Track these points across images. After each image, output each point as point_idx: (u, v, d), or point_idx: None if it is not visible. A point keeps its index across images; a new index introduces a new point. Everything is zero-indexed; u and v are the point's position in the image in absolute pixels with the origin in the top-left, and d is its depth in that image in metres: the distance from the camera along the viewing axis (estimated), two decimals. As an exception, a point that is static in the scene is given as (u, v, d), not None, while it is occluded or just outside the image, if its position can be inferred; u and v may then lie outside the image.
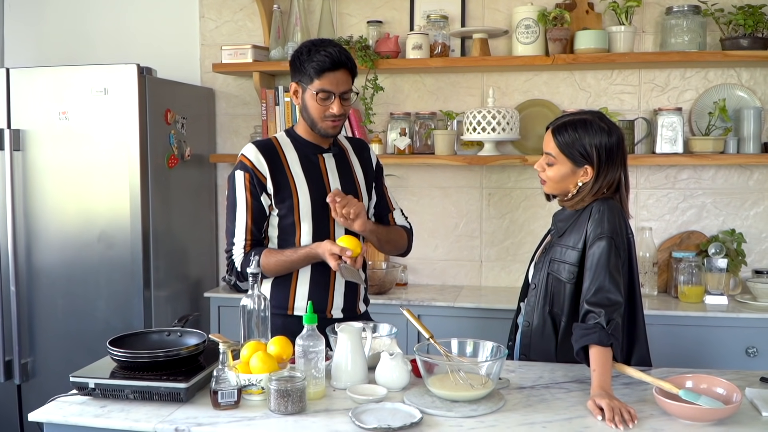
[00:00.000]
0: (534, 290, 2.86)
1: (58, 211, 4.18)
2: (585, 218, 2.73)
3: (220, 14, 4.97)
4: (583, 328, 2.51)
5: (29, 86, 4.15)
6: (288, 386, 2.24)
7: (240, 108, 5.00)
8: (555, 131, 2.76)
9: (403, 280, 4.70)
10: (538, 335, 2.82)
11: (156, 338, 2.67)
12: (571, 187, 2.78)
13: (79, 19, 5.14)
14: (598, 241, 2.63)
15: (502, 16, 4.60)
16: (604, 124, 2.74)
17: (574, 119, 2.76)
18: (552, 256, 2.82)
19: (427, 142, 4.62)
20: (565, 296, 2.76)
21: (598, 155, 2.70)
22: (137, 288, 4.15)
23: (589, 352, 2.48)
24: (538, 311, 2.82)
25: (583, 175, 2.74)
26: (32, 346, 4.27)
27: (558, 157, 2.75)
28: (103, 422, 2.25)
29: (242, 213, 2.99)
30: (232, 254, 3.02)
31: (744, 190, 4.44)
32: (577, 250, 2.72)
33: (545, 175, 2.82)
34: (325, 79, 2.91)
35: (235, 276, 3.05)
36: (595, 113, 2.80)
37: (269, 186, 2.98)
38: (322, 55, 2.90)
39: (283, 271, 3.01)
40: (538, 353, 2.83)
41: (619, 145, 2.75)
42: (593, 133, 2.70)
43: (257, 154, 2.99)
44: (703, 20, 4.22)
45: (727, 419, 2.19)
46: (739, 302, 4.09)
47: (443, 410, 2.27)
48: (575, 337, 2.53)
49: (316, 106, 2.95)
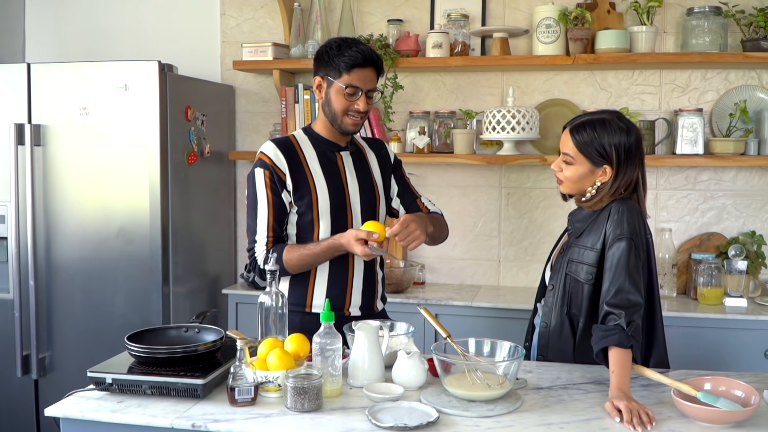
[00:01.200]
0: (552, 291, 2.85)
1: (77, 206, 4.20)
2: (603, 219, 2.71)
3: (241, 12, 4.98)
4: (603, 330, 2.50)
5: (50, 82, 4.16)
6: (305, 383, 2.24)
7: (260, 105, 5.01)
8: (573, 131, 2.74)
9: (420, 279, 4.69)
10: (556, 336, 2.81)
11: (174, 334, 2.68)
12: (589, 187, 2.76)
13: (99, 15, 5.16)
14: (618, 242, 2.61)
15: (522, 15, 4.59)
16: (623, 123, 2.72)
17: (593, 119, 2.74)
18: (570, 257, 2.80)
19: (447, 141, 4.61)
20: (583, 297, 2.74)
21: (617, 155, 2.68)
22: (156, 284, 4.16)
23: (608, 354, 2.46)
24: (556, 312, 2.81)
25: (602, 175, 2.72)
26: (50, 341, 4.29)
27: (576, 156, 2.72)
28: (119, 417, 2.25)
29: (263, 210, 3.00)
30: (254, 252, 3.02)
31: (765, 192, 4.41)
32: (596, 251, 2.71)
33: (562, 175, 2.79)
34: (354, 74, 2.95)
35: (257, 274, 3.04)
36: (613, 112, 2.78)
37: (289, 183, 2.99)
38: (354, 50, 2.95)
39: (305, 266, 3.01)
40: (556, 354, 2.82)
41: (638, 144, 2.73)
42: (612, 133, 2.68)
43: (276, 151, 3.00)
44: (724, 21, 4.19)
45: (746, 422, 2.17)
46: (759, 305, 4.06)
47: (460, 410, 2.26)
48: (595, 338, 2.51)
49: (341, 101, 2.98)
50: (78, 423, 2.30)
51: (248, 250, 3.06)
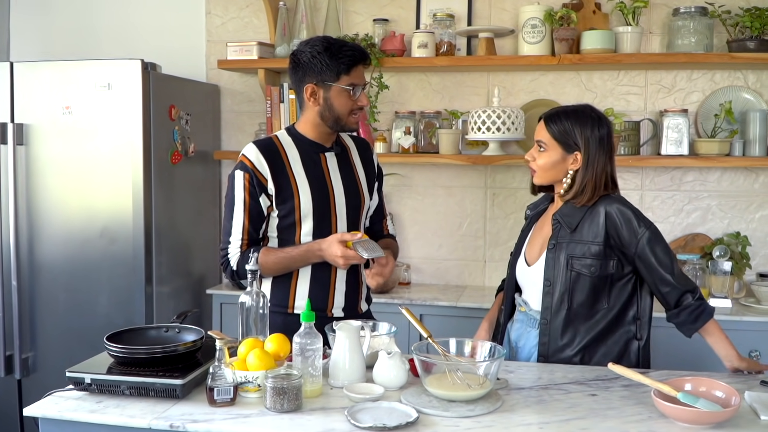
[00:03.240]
0: (548, 288, 2.84)
1: (60, 205, 4.18)
2: (598, 217, 2.79)
3: (226, 10, 4.97)
4: (691, 309, 2.74)
5: (33, 80, 4.14)
6: (284, 384, 2.23)
7: (245, 105, 5.00)
8: (547, 119, 2.88)
9: (406, 279, 4.69)
10: (559, 331, 2.82)
11: (154, 334, 2.66)
12: (561, 175, 2.86)
13: (84, 13, 5.15)
14: (642, 237, 2.75)
15: (508, 15, 4.59)
16: (595, 114, 2.86)
17: (566, 108, 2.92)
18: (570, 253, 2.81)
19: (432, 141, 4.60)
20: (585, 290, 2.79)
21: (587, 142, 2.80)
22: (139, 284, 4.14)
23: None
24: (555, 307, 2.82)
25: (573, 162, 2.83)
26: (33, 341, 4.27)
27: (549, 143, 2.85)
28: (98, 417, 2.24)
29: (239, 213, 2.99)
30: (227, 253, 3.02)
31: (749, 193, 4.42)
32: (598, 244, 2.77)
33: (535, 164, 2.91)
34: (354, 73, 2.96)
35: (229, 275, 3.04)
36: (586, 105, 2.91)
37: (270, 187, 2.97)
38: (348, 50, 2.95)
39: (281, 269, 3.00)
40: (559, 351, 2.82)
41: (609, 135, 2.86)
42: (584, 121, 2.83)
43: (258, 155, 2.97)
44: (710, 22, 4.20)
45: (726, 423, 2.17)
46: (743, 305, 4.07)
47: (440, 410, 2.25)
48: (687, 319, 2.75)
49: (345, 102, 2.97)
50: (56, 423, 2.28)
51: (221, 250, 3.06)
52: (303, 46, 3.01)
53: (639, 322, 2.86)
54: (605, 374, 2.60)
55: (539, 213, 3.09)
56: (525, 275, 2.98)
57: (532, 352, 2.92)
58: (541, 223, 3.04)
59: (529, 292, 2.97)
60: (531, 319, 2.94)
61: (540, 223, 3.05)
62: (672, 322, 2.82)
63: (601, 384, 2.54)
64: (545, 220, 3.00)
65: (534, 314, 2.91)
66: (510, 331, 3.06)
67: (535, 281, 2.90)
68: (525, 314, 2.98)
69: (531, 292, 2.95)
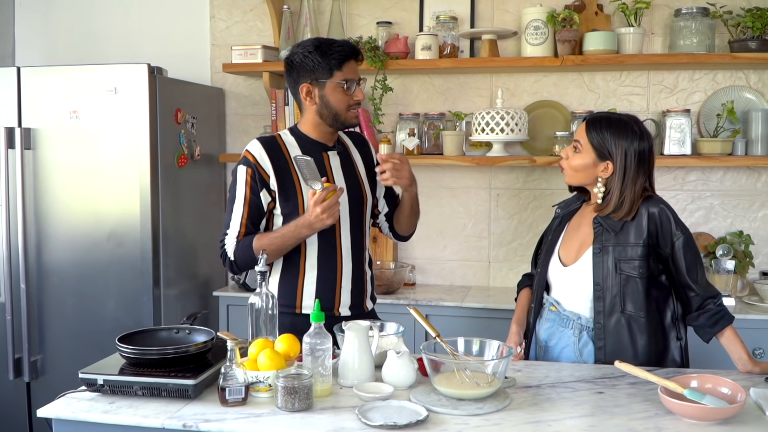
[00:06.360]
0: (599, 292, 2.83)
1: (68, 209, 4.20)
2: (642, 218, 2.81)
3: (230, 14, 4.99)
4: (712, 314, 2.78)
5: (40, 85, 4.17)
6: (295, 383, 2.26)
7: (250, 108, 5.02)
8: (589, 122, 2.88)
9: (411, 280, 4.71)
10: (614, 334, 2.82)
11: (165, 335, 2.69)
12: (589, 180, 2.88)
13: (89, 18, 5.17)
14: (678, 240, 2.79)
15: (511, 17, 4.61)
16: (638, 128, 2.85)
17: (611, 116, 2.90)
18: (617, 256, 2.81)
19: (436, 143, 4.62)
20: (639, 292, 2.80)
21: (624, 155, 2.79)
22: (146, 286, 4.17)
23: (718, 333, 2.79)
24: (608, 310, 2.82)
25: (604, 170, 2.84)
26: (42, 344, 4.30)
27: (585, 146, 2.85)
28: (111, 418, 2.26)
29: (239, 206, 3.02)
30: (224, 244, 3.06)
31: (752, 192, 4.44)
32: (641, 245, 2.79)
33: (566, 163, 2.92)
34: (346, 68, 3.01)
35: (228, 267, 3.09)
36: (631, 117, 2.90)
37: (272, 183, 3.00)
38: (337, 47, 3.01)
39: (276, 249, 2.99)
40: (618, 353, 2.79)
41: (650, 151, 2.85)
42: (624, 133, 2.81)
43: (261, 151, 3.02)
44: (711, 22, 4.22)
45: (732, 419, 2.19)
46: (747, 304, 4.10)
47: (449, 408, 2.28)
48: (707, 323, 2.78)
49: (341, 98, 3.02)
50: (70, 424, 2.31)
51: (220, 241, 3.09)
52: (295, 48, 3.09)
53: (677, 322, 2.89)
54: (612, 372, 2.63)
55: (571, 212, 3.07)
56: (560, 276, 2.97)
57: (564, 351, 2.92)
58: (576, 224, 3.01)
59: (565, 292, 2.95)
60: (564, 318, 2.93)
61: (575, 223, 3.02)
62: (691, 325, 2.86)
63: (608, 382, 2.56)
64: (581, 220, 2.98)
65: (568, 314, 2.91)
66: (539, 330, 3.05)
67: (574, 283, 2.90)
68: (557, 314, 2.96)
69: (567, 293, 2.94)
